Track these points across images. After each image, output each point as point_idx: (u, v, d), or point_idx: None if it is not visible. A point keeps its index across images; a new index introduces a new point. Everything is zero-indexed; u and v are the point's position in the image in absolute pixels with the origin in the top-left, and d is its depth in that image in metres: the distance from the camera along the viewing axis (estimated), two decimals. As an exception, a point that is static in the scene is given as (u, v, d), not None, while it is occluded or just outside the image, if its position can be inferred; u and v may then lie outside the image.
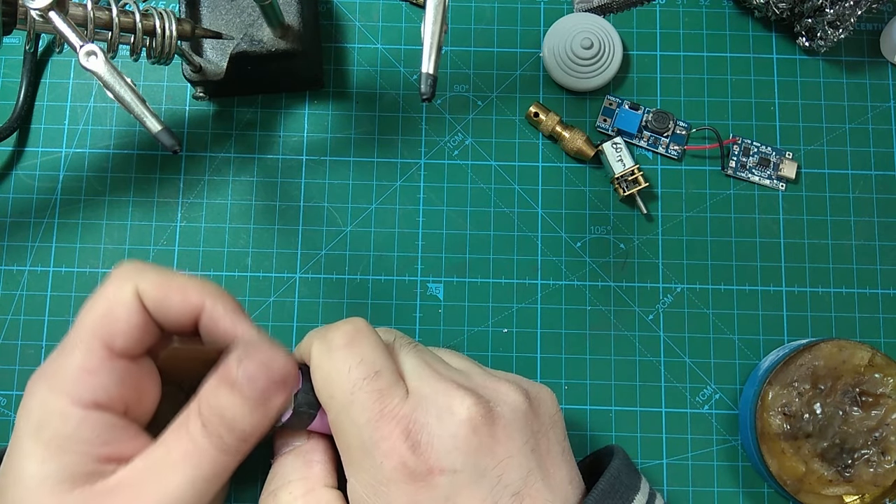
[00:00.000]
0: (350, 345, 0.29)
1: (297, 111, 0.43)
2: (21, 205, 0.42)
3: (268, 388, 0.27)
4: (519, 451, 0.29)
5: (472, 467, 0.28)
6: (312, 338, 0.31)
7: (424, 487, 0.27)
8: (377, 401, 0.28)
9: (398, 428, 0.28)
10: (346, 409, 0.28)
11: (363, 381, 0.28)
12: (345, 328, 0.30)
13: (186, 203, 0.42)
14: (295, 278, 0.41)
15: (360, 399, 0.28)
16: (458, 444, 0.28)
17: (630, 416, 0.40)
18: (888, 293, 0.41)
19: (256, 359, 0.28)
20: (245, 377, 0.27)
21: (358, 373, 0.29)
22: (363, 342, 0.30)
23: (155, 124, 0.29)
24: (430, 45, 0.29)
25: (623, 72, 0.43)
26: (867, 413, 0.37)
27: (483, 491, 0.27)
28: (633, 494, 0.30)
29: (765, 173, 0.42)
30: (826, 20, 0.41)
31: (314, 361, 0.30)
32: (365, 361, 0.29)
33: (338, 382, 0.29)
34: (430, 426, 0.28)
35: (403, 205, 0.42)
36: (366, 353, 0.29)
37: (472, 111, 0.43)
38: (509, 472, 0.28)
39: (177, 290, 0.29)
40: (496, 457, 0.28)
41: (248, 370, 0.27)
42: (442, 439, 0.28)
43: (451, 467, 0.27)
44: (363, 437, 0.28)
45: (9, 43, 0.43)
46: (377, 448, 0.27)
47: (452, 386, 0.29)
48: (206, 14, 0.39)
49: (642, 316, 0.41)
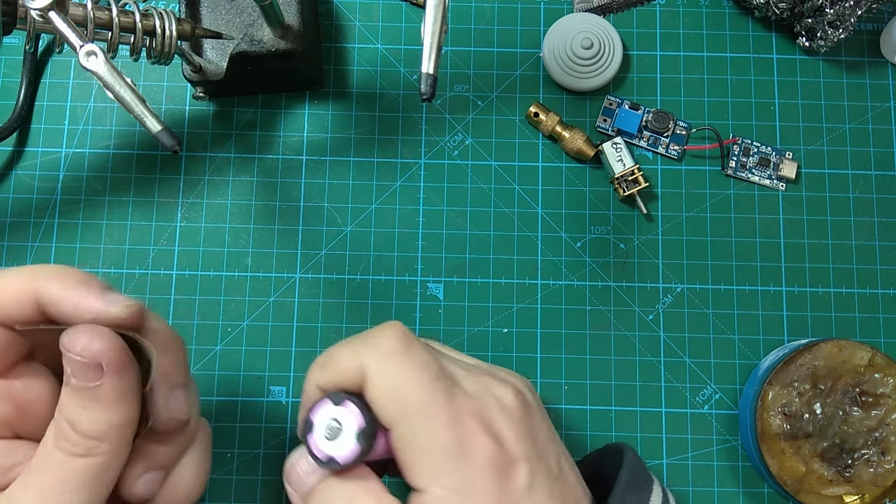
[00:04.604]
0: (408, 348, 0.28)
1: (297, 111, 0.43)
2: (21, 205, 0.42)
3: (84, 375, 0.24)
4: (550, 434, 0.29)
5: (536, 454, 0.28)
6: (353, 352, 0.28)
7: (511, 478, 0.27)
8: (451, 400, 0.27)
9: (479, 423, 0.27)
10: (425, 415, 0.27)
11: (435, 382, 0.27)
12: (392, 332, 0.28)
13: (186, 203, 0.42)
14: (295, 278, 0.41)
15: (439, 401, 0.27)
16: (521, 433, 0.28)
17: (630, 416, 0.40)
18: (888, 293, 0.41)
19: (62, 343, 0.25)
20: (67, 369, 0.25)
21: (429, 374, 0.27)
22: (415, 342, 0.28)
23: (155, 124, 0.29)
24: (430, 45, 0.29)
25: (623, 72, 0.43)
26: (867, 413, 0.37)
27: (544, 475, 0.28)
28: (651, 485, 0.31)
29: (765, 173, 0.42)
30: (826, 20, 0.41)
31: (375, 376, 0.27)
32: (428, 362, 0.28)
33: (411, 389, 0.27)
34: (496, 417, 0.28)
35: (403, 205, 0.42)
36: (424, 353, 0.28)
37: (472, 111, 0.43)
38: (551, 455, 0.29)
39: (7, 285, 0.26)
40: (541, 442, 0.28)
41: (68, 358, 0.24)
42: (509, 429, 0.28)
43: (526, 455, 0.27)
44: (449, 438, 0.26)
45: (9, 43, 0.43)
46: (467, 446, 0.26)
47: (493, 380, 0.29)
48: (206, 14, 0.39)
49: (642, 316, 0.41)
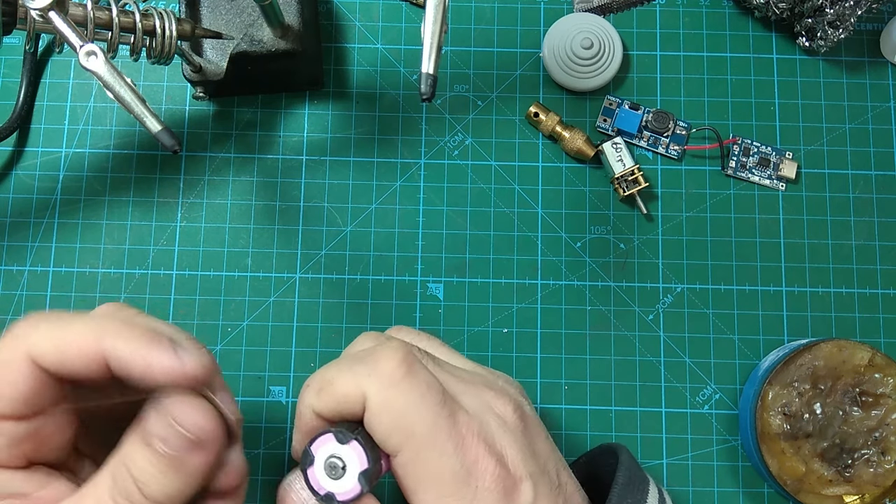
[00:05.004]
0: (411, 372, 0.27)
1: (297, 111, 0.43)
2: (21, 205, 0.42)
3: (182, 447, 0.24)
4: (547, 445, 0.29)
5: (537, 469, 0.28)
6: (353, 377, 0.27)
7: (515, 497, 0.27)
8: (455, 425, 0.27)
9: (482, 446, 0.27)
10: (431, 442, 0.26)
11: (439, 406, 0.27)
12: (394, 356, 0.27)
13: (186, 203, 0.42)
14: (295, 278, 0.41)
15: (443, 426, 0.26)
16: (523, 450, 0.28)
17: (630, 416, 0.40)
18: (888, 293, 0.41)
19: (164, 415, 0.24)
20: (158, 434, 0.24)
21: (432, 399, 0.27)
22: (417, 365, 0.27)
23: (155, 124, 0.29)
24: (430, 45, 0.29)
25: (623, 72, 0.43)
26: (867, 413, 0.37)
27: (546, 489, 0.28)
28: (647, 486, 0.31)
29: (765, 173, 0.42)
30: (826, 20, 0.41)
31: (377, 406, 0.27)
32: (431, 386, 0.27)
33: (416, 417, 0.26)
34: (498, 437, 0.27)
35: (403, 205, 0.42)
36: (426, 376, 0.27)
37: (472, 111, 0.43)
38: (550, 467, 0.28)
39: (71, 343, 0.25)
40: (541, 455, 0.28)
41: (158, 427, 0.24)
42: (512, 447, 0.27)
43: (528, 472, 0.27)
44: (455, 464, 0.26)
45: (9, 43, 0.43)
46: (473, 471, 0.26)
47: (491, 392, 0.29)
48: (206, 14, 0.39)
49: (642, 316, 0.41)
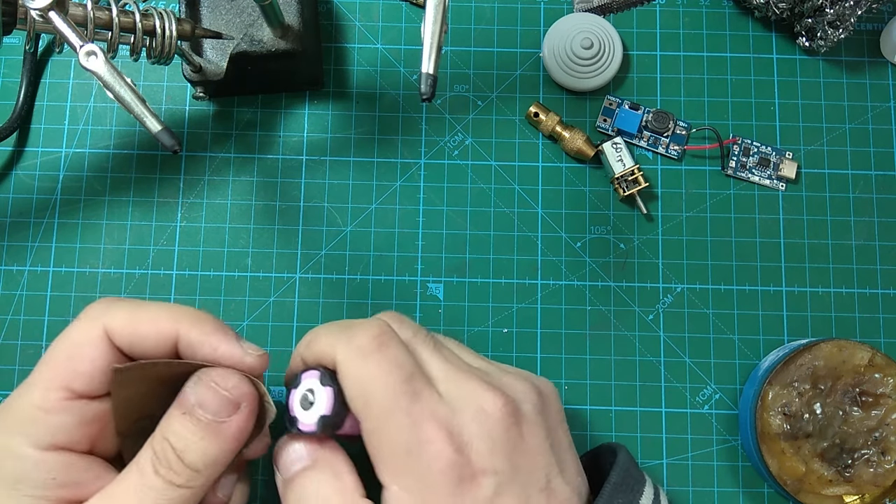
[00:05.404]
0: (381, 348, 0.28)
1: (297, 111, 0.43)
2: (21, 205, 0.42)
3: (220, 410, 0.27)
4: (542, 447, 0.29)
5: (510, 467, 0.28)
6: (332, 340, 0.29)
7: (471, 489, 0.27)
8: (416, 404, 0.27)
9: (442, 431, 0.27)
10: (387, 416, 0.27)
11: (401, 384, 0.28)
12: (371, 331, 0.29)
13: (186, 203, 0.42)
14: (295, 278, 0.41)
15: (402, 404, 0.27)
16: (496, 445, 0.28)
17: (630, 416, 0.40)
18: (888, 293, 0.41)
19: (206, 380, 0.27)
20: (196, 400, 0.26)
21: (395, 377, 0.28)
22: (392, 344, 0.29)
23: (155, 124, 0.29)
24: (430, 45, 0.29)
25: (623, 72, 0.43)
26: (867, 413, 0.37)
27: (518, 489, 0.28)
28: (642, 487, 0.31)
29: (765, 173, 0.42)
30: (826, 20, 0.41)
31: (344, 369, 0.28)
32: (400, 365, 0.28)
33: (377, 390, 0.28)
34: (468, 427, 0.28)
35: (403, 205, 0.42)
36: (398, 355, 0.28)
37: (472, 111, 0.43)
38: (537, 469, 0.28)
39: (147, 323, 0.28)
40: (526, 455, 0.28)
41: (198, 393, 0.26)
42: (482, 440, 0.28)
43: (493, 468, 0.27)
44: (409, 441, 0.27)
45: (9, 43, 0.43)
46: (424, 451, 0.27)
47: (482, 386, 0.29)
48: (206, 14, 0.39)
49: (642, 316, 0.41)
